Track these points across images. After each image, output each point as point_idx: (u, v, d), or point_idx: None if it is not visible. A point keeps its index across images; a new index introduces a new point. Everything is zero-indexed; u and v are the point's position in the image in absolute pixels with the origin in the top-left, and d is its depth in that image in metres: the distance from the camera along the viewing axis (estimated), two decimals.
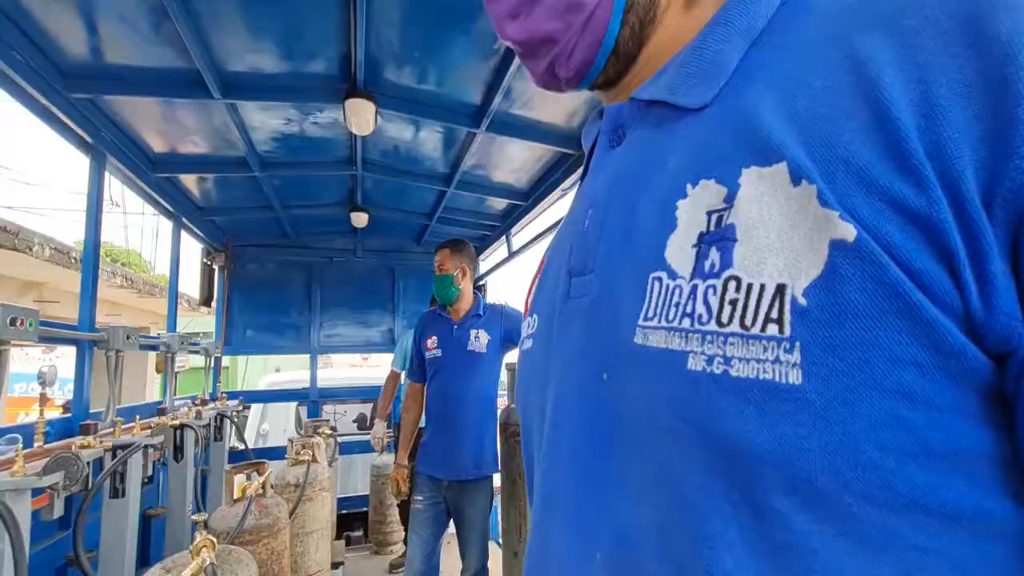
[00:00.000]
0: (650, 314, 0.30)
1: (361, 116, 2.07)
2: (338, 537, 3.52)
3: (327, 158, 2.80)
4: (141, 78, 1.90)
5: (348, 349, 4.52)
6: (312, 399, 4.12)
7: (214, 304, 3.99)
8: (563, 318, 0.39)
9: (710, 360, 0.26)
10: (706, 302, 0.27)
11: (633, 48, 0.39)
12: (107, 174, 2.22)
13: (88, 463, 1.61)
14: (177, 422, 2.32)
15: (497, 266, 4.10)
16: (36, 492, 1.39)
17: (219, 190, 3.13)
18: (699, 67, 0.33)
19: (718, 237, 0.27)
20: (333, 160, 2.83)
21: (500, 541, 4.03)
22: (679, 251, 0.29)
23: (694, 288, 0.28)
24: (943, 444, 0.22)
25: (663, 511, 0.28)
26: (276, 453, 3.46)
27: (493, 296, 4.87)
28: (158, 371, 3.14)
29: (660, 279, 0.30)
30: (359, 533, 4.00)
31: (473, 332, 2.32)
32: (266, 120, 2.30)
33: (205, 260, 3.79)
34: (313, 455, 2.65)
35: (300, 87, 2.05)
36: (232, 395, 3.58)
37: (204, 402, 3.04)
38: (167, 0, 1.43)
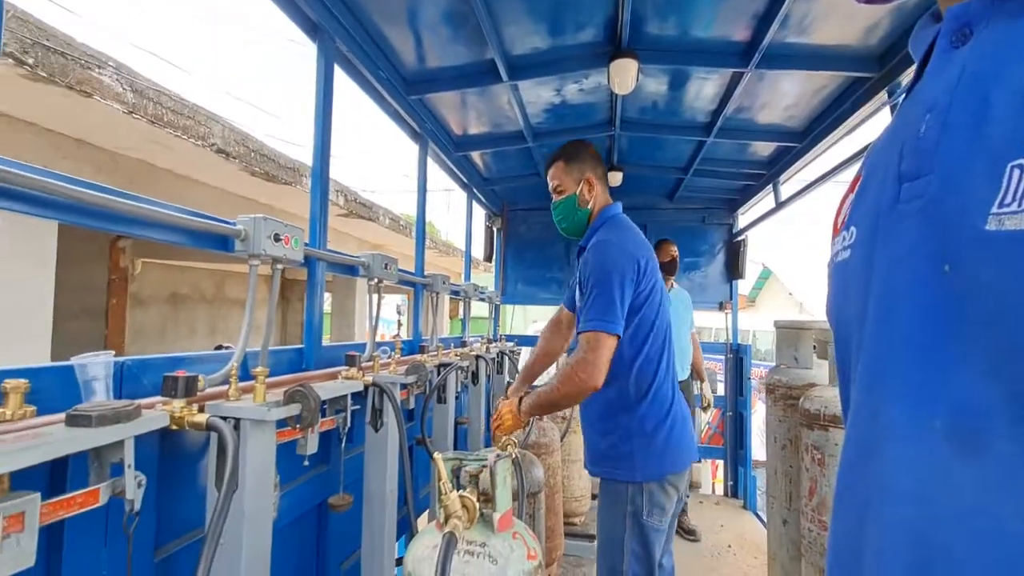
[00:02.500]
0: (1007, 200, 0.31)
1: (624, 76, 2.15)
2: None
3: (588, 122, 2.99)
4: (449, 75, 2.36)
5: None
6: (571, 347, 4.56)
7: (493, 261, 4.73)
8: (890, 223, 0.41)
9: None
10: None
11: None
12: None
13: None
14: (474, 353, 2.92)
15: (762, 218, 3.75)
16: (402, 387, 1.99)
17: (497, 162, 3.66)
18: None
19: None
20: (593, 123, 3.00)
21: (760, 514, 3.86)
22: None
23: None
24: None
25: (1016, 383, 0.31)
26: None
27: (754, 255, 4.49)
28: (451, 317, 3.93)
29: (1021, 166, 0.31)
30: None
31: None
32: (539, 94, 2.59)
33: (487, 223, 4.51)
34: None
35: (569, 57, 2.25)
36: (508, 338, 4.24)
37: (490, 341, 3.70)
38: (475, 4, 1.75)
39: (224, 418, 1.07)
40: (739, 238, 4.26)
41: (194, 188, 4.58)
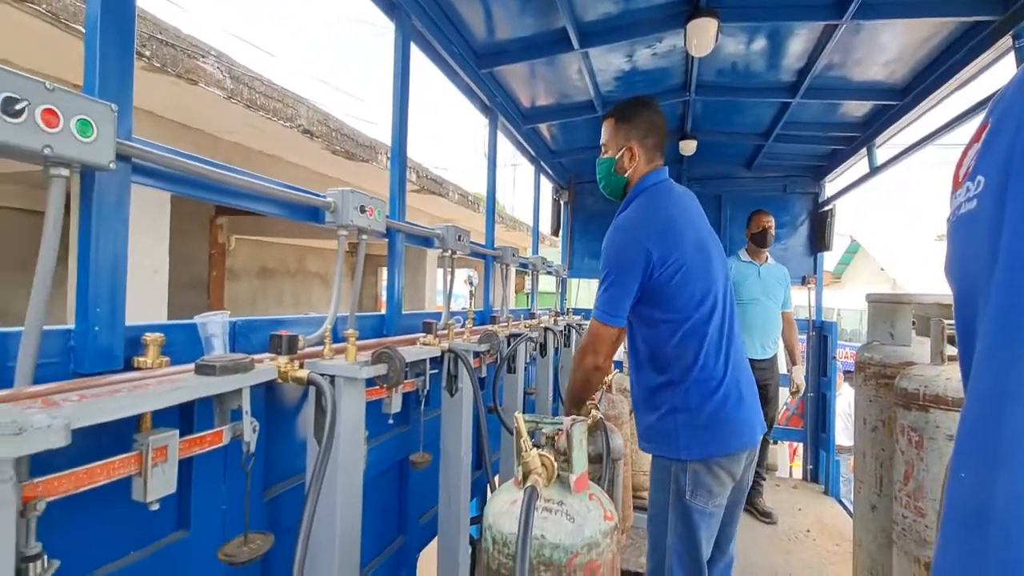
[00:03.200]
0: None
1: (702, 36, 2.05)
2: None
3: (661, 88, 2.88)
4: (518, 47, 2.35)
5: None
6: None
7: (559, 235, 4.71)
8: None
9: None
10: None
11: None
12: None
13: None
14: (543, 325, 2.96)
15: (854, 185, 3.47)
16: (475, 355, 2.06)
17: (565, 134, 3.60)
18: None
19: None
20: (666, 89, 2.88)
21: (843, 500, 3.66)
22: None
23: None
24: None
25: None
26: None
27: (840, 227, 4.16)
28: (516, 291, 3.98)
29: None
30: None
31: None
32: (610, 61, 2.52)
33: (554, 197, 4.49)
34: None
35: (643, 20, 2.17)
36: (575, 311, 4.24)
37: (557, 314, 3.72)
38: None
39: (321, 375, 1.17)
40: (826, 207, 3.97)
41: (280, 167, 4.89)
